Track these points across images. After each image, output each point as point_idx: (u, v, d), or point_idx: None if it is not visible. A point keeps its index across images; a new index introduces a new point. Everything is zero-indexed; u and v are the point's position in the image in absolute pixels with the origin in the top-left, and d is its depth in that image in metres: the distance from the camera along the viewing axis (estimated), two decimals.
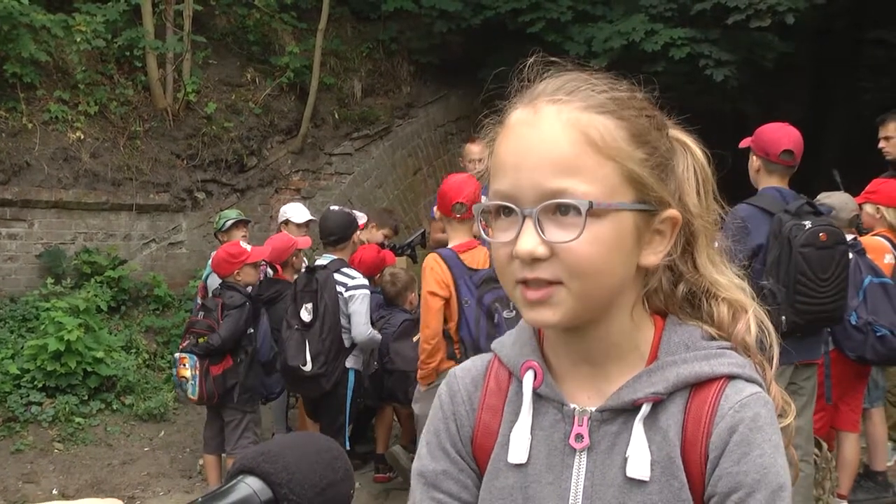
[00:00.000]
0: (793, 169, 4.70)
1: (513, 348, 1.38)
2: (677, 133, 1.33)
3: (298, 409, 6.91)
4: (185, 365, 5.86)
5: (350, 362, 5.80)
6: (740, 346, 1.30)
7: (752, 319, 1.32)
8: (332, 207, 6.20)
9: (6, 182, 8.85)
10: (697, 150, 1.34)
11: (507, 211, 1.21)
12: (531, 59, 1.30)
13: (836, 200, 5.65)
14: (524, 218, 1.18)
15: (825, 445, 5.28)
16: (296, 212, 7.46)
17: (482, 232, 1.27)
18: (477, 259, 4.75)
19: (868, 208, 5.92)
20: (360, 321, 5.74)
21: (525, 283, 1.20)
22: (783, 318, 4.43)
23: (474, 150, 6.62)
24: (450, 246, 4.91)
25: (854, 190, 6.14)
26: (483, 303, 4.61)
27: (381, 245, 7.07)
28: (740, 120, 13.20)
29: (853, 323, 5.30)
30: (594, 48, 11.48)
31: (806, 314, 4.49)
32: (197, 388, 5.82)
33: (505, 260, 1.22)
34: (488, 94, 1.38)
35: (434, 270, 4.80)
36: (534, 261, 1.17)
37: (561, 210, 1.17)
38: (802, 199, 4.71)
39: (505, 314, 4.55)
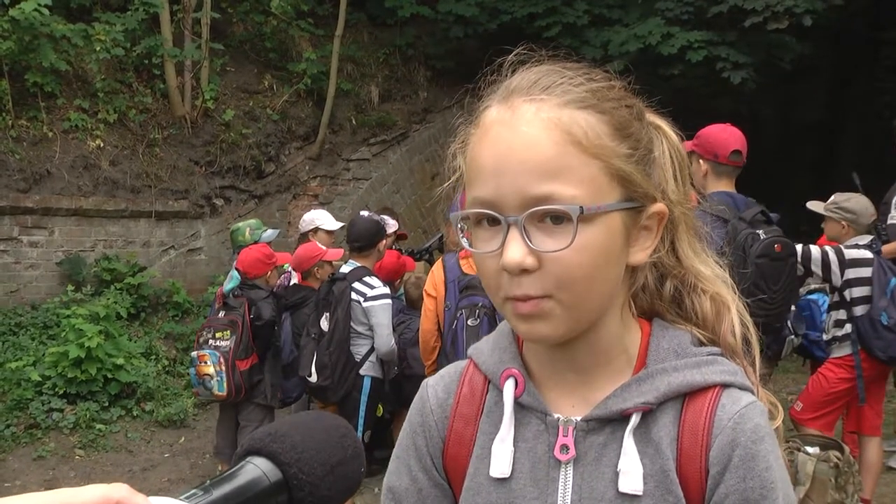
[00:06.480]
0: (739, 170, 4.60)
1: (491, 355, 1.30)
2: (652, 117, 1.25)
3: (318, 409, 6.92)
4: (206, 362, 5.84)
5: (367, 369, 5.76)
6: (727, 349, 1.24)
7: (736, 318, 1.26)
8: (361, 213, 6.06)
9: (27, 190, 8.94)
10: (672, 134, 1.26)
11: (490, 219, 1.12)
12: (499, 59, 1.22)
13: (856, 205, 5.57)
14: (509, 226, 1.10)
15: (847, 449, 5.24)
16: (327, 219, 7.45)
17: (464, 241, 1.18)
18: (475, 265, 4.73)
19: None
20: (382, 333, 5.62)
21: (515, 297, 1.12)
22: None
23: None
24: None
25: (873, 192, 6.08)
26: (459, 308, 4.62)
27: (399, 250, 7.06)
28: (756, 122, 13.15)
29: (884, 323, 5.25)
30: (610, 52, 11.48)
31: (754, 324, 4.45)
32: (225, 383, 5.82)
33: (492, 272, 1.14)
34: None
35: (433, 272, 4.89)
36: (522, 272, 1.10)
37: (550, 217, 1.09)
38: (756, 206, 4.59)
39: (469, 322, 4.51)
